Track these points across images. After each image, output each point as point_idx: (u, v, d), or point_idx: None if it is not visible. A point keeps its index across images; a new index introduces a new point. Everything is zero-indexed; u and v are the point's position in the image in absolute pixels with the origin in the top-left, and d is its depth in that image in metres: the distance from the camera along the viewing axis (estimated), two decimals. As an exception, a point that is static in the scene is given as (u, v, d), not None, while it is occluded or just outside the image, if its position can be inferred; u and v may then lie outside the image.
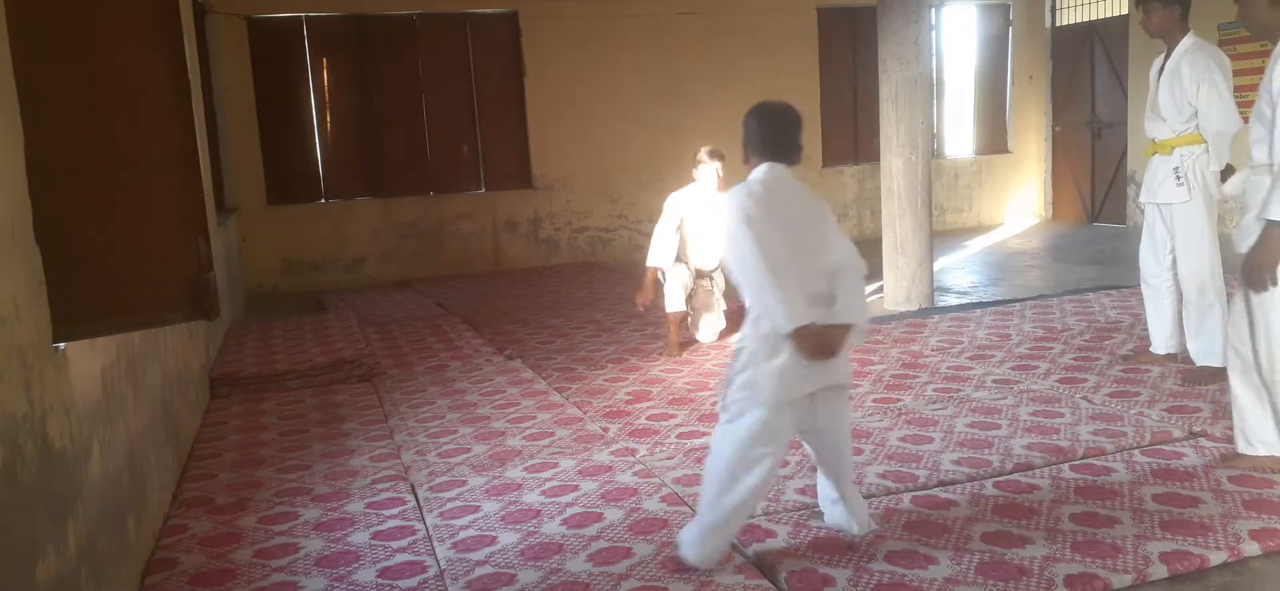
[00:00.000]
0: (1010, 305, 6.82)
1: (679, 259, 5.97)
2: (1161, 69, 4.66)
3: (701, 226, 5.89)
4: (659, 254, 5.88)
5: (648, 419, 4.54)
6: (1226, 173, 4.50)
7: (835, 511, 3.16)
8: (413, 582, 3.00)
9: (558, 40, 10.29)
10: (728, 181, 5.88)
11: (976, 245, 10.41)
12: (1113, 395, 4.48)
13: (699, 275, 6.08)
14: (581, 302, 8.01)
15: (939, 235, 8.83)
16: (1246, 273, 3.29)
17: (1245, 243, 3.34)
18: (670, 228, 5.86)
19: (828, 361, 2.83)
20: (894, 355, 5.49)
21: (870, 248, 9.59)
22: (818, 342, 2.78)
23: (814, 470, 3.69)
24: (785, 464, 3.76)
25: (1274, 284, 3.26)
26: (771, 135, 2.93)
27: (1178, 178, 4.55)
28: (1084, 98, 11.39)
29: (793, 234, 2.83)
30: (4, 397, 2.04)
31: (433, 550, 3.22)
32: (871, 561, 2.93)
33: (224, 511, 3.69)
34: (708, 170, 5.80)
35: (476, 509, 3.54)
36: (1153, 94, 4.71)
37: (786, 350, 2.79)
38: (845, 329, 2.84)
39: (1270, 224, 3.19)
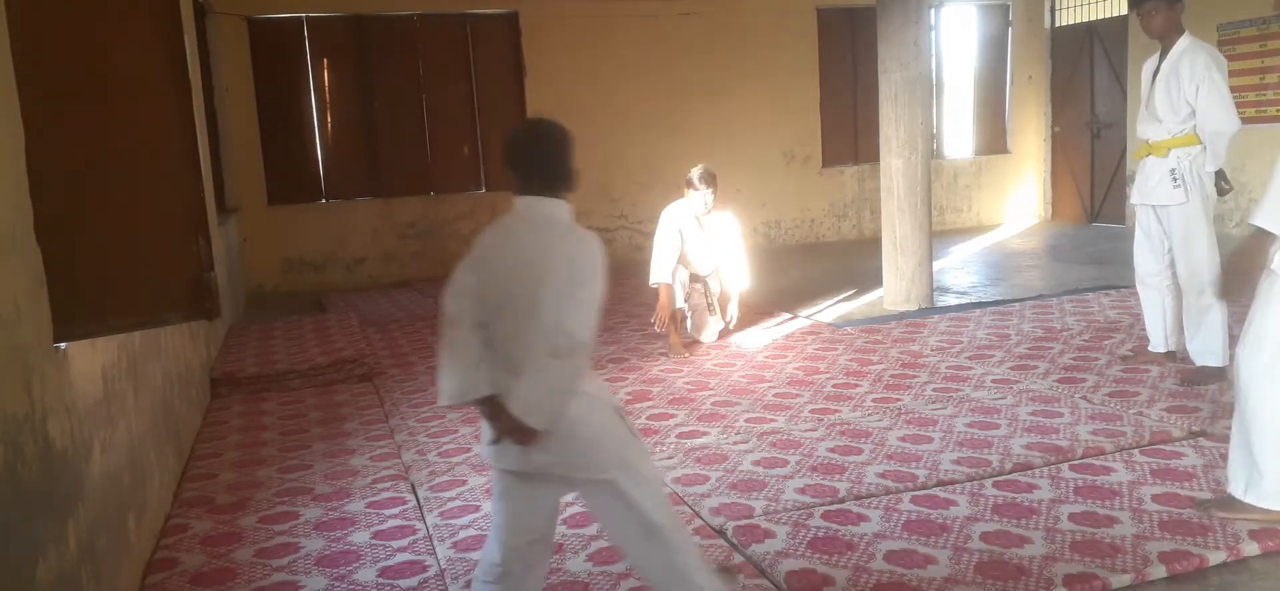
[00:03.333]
0: (1009, 305, 6.83)
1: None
2: (1156, 70, 4.65)
3: (695, 238, 5.92)
4: (664, 269, 5.85)
5: (648, 418, 4.54)
6: (1220, 175, 4.50)
7: None
8: (413, 582, 3.01)
9: (558, 40, 10.29)
10: (719, 204, 5.93)
11: (976, 245, 10.41)
12: (1112, 395, 4.48)
13: (693, 278, 6.11)
14: (581, 303, 8.00)
15: (938, 235, 8.82)
16: (1224, 276, 2.95)
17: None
18: (672, 240, 5.85)
19: (523, 443, 2.27)
20: (894, 355, 5.50)
21: (870, 248, 9.65)
22: (492, 420, 2.32)
23: (813, 470, 3.70)
24: (784, 463, 3.77)
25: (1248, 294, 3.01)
26: (518, 166, 2.50)
27: (1175, 180, 4.54)
28: (1083, 98, 11.38)
29: (507, 285, 2.31)
30: (5, 397, 2.04)
31: (433, 549, 3.22)
32: (871, 561, 2.93)
33: (225, 511, 3.70)
34: (698, 198, 5.80)
35: (477, 508, 3.54)
36: (1147, 95, 4.69)
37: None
38: (508, 411, 2.24)
39: (1258, 230, 2.88)
